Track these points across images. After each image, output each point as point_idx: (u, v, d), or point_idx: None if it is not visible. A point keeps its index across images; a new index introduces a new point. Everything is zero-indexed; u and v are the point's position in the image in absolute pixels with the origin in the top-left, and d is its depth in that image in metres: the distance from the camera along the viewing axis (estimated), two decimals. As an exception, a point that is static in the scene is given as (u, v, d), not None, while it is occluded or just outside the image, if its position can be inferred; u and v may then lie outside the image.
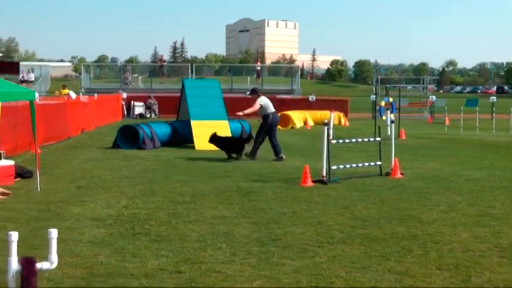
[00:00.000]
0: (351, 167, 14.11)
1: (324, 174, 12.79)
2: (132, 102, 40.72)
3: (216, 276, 6.40)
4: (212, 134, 17.79)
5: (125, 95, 40.53)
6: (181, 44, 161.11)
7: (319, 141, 14.34)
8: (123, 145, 19.91)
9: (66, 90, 38.89)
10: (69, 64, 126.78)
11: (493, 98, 40.04)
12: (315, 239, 8.02)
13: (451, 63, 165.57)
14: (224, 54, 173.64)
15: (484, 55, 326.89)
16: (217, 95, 21.65)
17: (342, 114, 36.80)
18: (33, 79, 58.48)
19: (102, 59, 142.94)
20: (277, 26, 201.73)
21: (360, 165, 14.28)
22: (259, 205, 10.34)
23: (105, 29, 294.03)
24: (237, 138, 17.97)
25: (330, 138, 13.57)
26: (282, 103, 39.68)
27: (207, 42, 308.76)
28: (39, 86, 53.79)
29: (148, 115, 40.06)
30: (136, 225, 8.73)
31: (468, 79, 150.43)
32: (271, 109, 17.59)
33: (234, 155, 17.18)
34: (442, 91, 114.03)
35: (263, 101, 17.59)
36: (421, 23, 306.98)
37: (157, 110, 40.71)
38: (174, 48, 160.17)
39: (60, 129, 22.66)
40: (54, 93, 43.32)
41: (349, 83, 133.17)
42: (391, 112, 27.52)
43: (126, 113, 39.88)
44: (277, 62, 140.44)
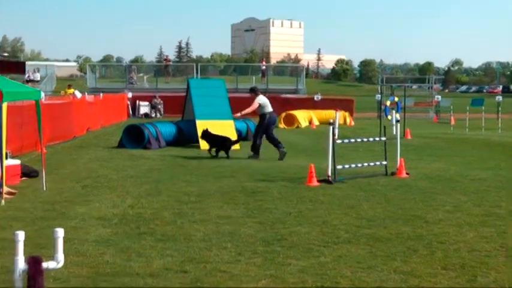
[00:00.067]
0: (356, 166, 14.10)
1: (330, 174, 12.79)
2: (137, 101, 40.75)
3: (221, 275, 6.41)
4: (204, 130, 18.22)
5: (130, 95, 40.55)
6: (187, 44, 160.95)
7: (325, 141, 14.33)
8: (129, 145, 19.94)
9: (72, 90, 39.01)
10: (74, 64, 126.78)
11: (499, 98, 39.87)
12: (321, 238, 8.02)
13: (457, 63, 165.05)
14: (229, 53, 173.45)
15: (489, 54, 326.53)
16: (223, 94, 21.66)
17: (347, 114, 36.77)
18: (38, 79, 58.62)
19: (107, 59, 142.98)
20: (282, 26, 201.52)
21: (366, 164, 14.27)
22: (265, 205, 10.35)
23: (110, 28, 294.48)
24: (226, 138, 18.07)
25: (335, 137, 13.56)
26: (287, 102, 39.73)
27: (212, 41, 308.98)
28: (45, 85, 53.89)
29: (153, 115, 40.06)
30: (142, 225, 8.75)
31: (474, 79, 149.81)
32: (269, 109, 17.61)
33: (214, 153, 17.66)
34: (447, 91, 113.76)
35: (261, 100, 17.64)
36: (427, 22, 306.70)
37: (162, 110, 40.70)
38: (179, 47, 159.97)
39: (65, 128, 22.70)
40: (59, 93, 43.40)
41: (355, 82, 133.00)
42: (397, 112, 27.43)
43: (131, 112, 39.92)
44: (283, 61, 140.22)
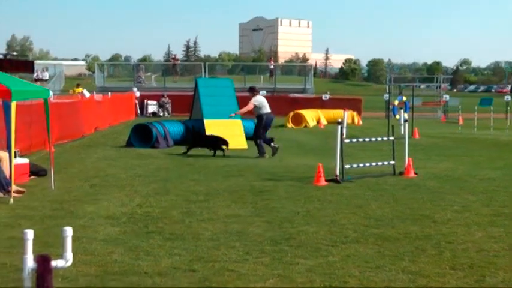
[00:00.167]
0: (364, 166, 14.08)
1: (338, 173, 12.77)
2: (145, 101, 40.83)
3: (229, 274, 6.41)
4: (195, 133, 18.93)
5: (138, 94, 40.62)
6: (195, 43, 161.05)
7: (333, 140, 14.31)
8: (137, 144, 19.97)
9: (80, 89, 39.08)
10: (82, 63, 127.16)
11: (508, 97, 39.62)
12: (329, 238, 8.01)
13: (465, 62, 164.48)
14: (237, 53, 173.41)
15: (498, 54, 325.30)
16: (231, 93, 21.66)
17: (355, 113, 36.69)
18: (47, 78, 58.92)
19: (115, 58, 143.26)
20: (290, 25, 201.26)
21: (374, 164, 14.24)
22: (273, 204, 10.35)
23: (118, 27, 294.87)
24: (219, 138, 18.17)
25: (343, 137, 13.54)
26: (295, 102, 39.71)
27: (220, 41, 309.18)
28: (53, 84, 54.09)
29: (161, 114, 40.14)
30: (150, 224, 8.76)
31: (482, 78, 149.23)
32: (266, 109, 17.56)
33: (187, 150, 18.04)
34: (455, 90, 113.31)
35: (258, 100, 17.59)
36: (435, 21, 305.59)
37: (170, 109, 40.76)
38: (187, 47, 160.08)
39: (74, 127, 22.76)
40: (68, 92, 43.54)
41: (363, 82, 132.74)
42: (405, 111, 27.34)
43: (139, 111, 39.99)
44: (291, 60, 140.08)
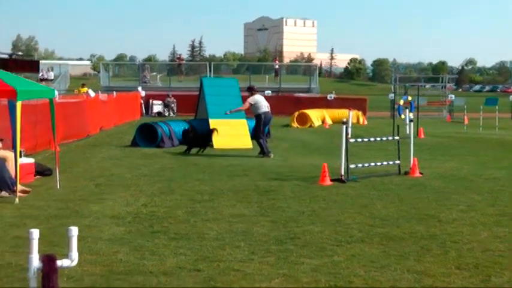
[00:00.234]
0: (370, 165, 14.06)
1: (343, 173, 12.77)
2: (150, 100, 40.87)
3: (234, 274, 6.41)
4: (185, 131, 19.25)
5: (143, 93, 40.65)
6: (200, 43, 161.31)
7: (338, 140, 14.30)
8: (142, 143, 20.00)
9: (85, 89, 39.10)
10: (88, 62, 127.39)
11: (513, 97, 39.67)
12: (334, 237, 8.00)
13: (470, 62, 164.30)
14: (242, 52, 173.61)
15: (503, 54, 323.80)
16: (236, 93, 21.64)
17: (360, 113, 36.63)
18: (52, 77, 59.00)
19: (120, 58, 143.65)
20: (295, 25, 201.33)
21: (379, 164, 14.22)
22: (278, 204, 10.35)
23: (123, 27, 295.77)
24: (206, 135, 18.69)
25: (349, 137, 13.54)
26: (300, 102, 39.70)
27: (225, 40, 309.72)
28: (59, 84, 54.20)
29: (166, 113, 40.17)
30: (155, 223, 8.77)
31: (487, 78, 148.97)
32: (264, 109, 17.54)
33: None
34: (461, 90, 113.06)
35: (254, 100, 17.58)
36: (440, 21, 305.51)
37: (175, 109, 40.78)
38: (193, 46, 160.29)
39: (79, 127, 22.78)
40: (73, 92, 43.58)
41: (368, 81, 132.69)
42: (410, 111, 27.34)
43: (144, 111, 40.03)
44: (296, 60, 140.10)
